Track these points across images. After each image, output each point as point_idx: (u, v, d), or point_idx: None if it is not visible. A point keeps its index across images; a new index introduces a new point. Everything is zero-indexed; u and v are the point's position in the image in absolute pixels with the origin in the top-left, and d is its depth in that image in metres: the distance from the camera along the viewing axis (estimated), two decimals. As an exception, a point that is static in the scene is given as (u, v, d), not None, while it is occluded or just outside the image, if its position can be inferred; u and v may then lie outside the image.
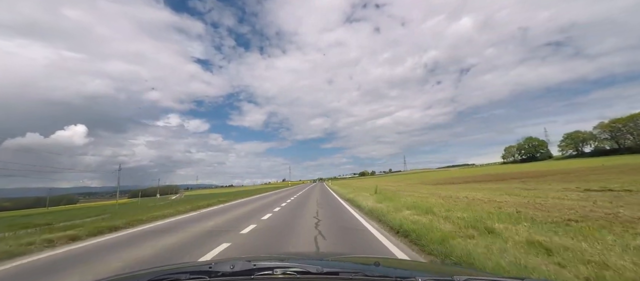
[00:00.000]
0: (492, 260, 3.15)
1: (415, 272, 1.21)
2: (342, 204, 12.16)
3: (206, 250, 4.85)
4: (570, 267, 2.86)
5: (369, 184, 36.57)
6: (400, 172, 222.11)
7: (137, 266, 4.08)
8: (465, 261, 3.25)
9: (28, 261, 4.83)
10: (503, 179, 25.63)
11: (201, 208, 13.64)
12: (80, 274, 3.90)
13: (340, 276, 1.09)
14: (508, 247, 3.63)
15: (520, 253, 3.37)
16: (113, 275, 1.50)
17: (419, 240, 4.49)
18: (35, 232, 7.60)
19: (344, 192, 20.48)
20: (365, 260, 1.71)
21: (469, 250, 3.52)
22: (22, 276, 4.07)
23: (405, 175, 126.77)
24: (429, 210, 7.18)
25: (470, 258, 3.27)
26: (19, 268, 4.41)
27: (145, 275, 1.25)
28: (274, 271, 1.14)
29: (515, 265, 2.97)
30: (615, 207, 6.76)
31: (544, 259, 3.16)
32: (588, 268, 2.78)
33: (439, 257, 3.66)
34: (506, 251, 3.45)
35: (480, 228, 4.74)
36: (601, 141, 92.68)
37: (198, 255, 4.55)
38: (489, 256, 3.28)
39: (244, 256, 1.58)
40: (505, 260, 3.13)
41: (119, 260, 4.55)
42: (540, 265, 2.95)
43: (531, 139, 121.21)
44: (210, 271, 1.16)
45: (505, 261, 3.07)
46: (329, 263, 1.43)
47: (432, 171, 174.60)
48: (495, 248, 3.61)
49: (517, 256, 3.24)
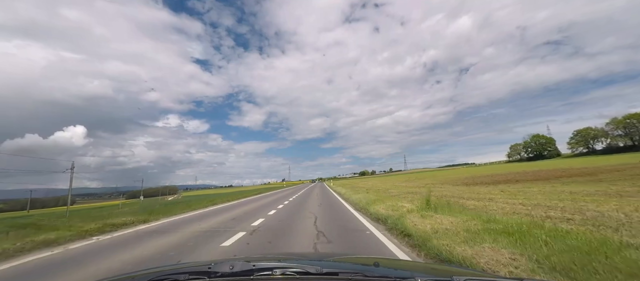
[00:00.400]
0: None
1: (414, 272, 1.19)
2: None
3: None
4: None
5: (378, 185, 32.40)
6: (401, 172, 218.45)
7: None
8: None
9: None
10: (537, 179, 22.39)
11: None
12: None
13: (340, 277, 1.09)
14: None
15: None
16: (113, 275, 1.47)
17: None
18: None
19: (357, 199, 12.75)
20: (364, 260, 1.74)
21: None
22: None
23: (406, 174, 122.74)
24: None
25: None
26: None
27: (145, 275, 1.25)
28: (273, 271, 1.13)
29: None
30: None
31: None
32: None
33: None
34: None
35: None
36: (614, 138, 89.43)
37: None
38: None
39: (243, 257, 1.55)
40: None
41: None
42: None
43: (538, 137, 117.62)
44: (209, 272, 1.16)
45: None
46: (328, 263, 1.44)
47: (432, 170, 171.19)
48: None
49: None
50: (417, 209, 7.48)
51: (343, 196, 17.89)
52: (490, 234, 4.32)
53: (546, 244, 3.55)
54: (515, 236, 3.99)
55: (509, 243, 3.74)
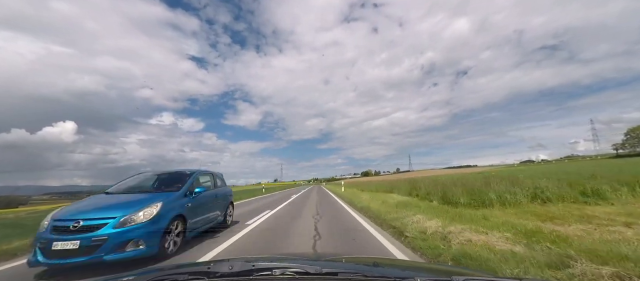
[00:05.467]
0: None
1: (414, 272, 1.17)
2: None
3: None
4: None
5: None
6: (408, 172, 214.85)
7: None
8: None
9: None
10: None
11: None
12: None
13: (339, 277, 1.08)
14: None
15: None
16: (113, 275, 1.36)
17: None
18: None
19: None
20: (363, 260, 1.74)
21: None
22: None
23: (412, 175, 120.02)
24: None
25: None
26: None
27: (145, 275, 1.24)
28: (273, 271, 1.13)
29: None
30: None
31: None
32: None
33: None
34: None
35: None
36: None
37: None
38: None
39: (242, 257, 1.54)
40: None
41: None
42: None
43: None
44: (208, 272, 1.15)
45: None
46: (327, 263, 1.38)
47: (439, 170, 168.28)
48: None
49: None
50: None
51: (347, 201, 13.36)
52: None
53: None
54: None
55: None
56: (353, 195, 16.66)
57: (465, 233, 4.39)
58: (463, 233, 4.39)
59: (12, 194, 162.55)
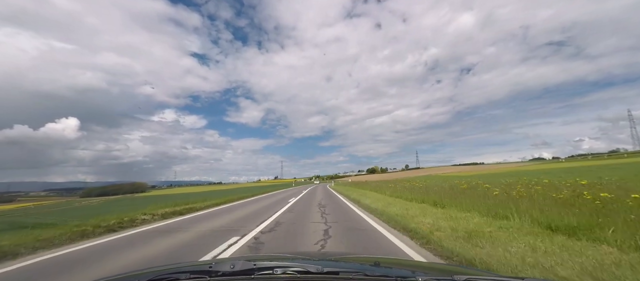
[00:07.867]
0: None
1: (415, 271, 1.16)
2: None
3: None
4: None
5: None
6: (419, 169, 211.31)
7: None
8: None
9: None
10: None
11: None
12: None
13: (341, 276, 1.07)
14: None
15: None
16: (113, 274, 1.36)
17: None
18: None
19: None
20: (365, 259, 1.69)
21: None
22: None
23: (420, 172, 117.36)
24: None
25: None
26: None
27: (145, 275, 1.21)
28: (274, 271, 1.12)
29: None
30: None
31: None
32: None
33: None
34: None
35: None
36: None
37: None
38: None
39: (244, 256, 1.50)
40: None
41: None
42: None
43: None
44: (210, 271, 1.14)
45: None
46: (329, 262, 1.38)
47: (444, 169, 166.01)
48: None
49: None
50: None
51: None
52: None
53: None
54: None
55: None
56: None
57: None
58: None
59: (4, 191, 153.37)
